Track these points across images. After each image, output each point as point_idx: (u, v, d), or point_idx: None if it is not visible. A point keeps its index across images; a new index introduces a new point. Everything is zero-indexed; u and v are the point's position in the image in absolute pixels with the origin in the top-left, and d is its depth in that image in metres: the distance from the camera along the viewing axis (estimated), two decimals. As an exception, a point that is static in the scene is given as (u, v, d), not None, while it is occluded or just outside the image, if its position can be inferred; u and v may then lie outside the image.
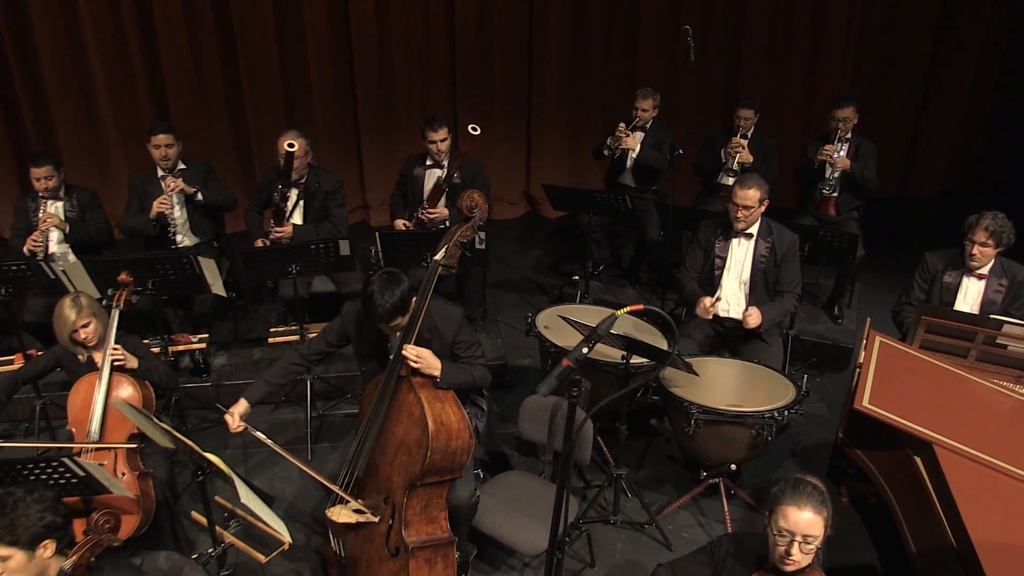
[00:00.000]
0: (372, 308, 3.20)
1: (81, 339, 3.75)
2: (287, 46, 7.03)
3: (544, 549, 3.49)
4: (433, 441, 3.16)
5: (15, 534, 2.31)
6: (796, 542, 2.45)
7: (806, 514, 2.46)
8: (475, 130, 5.01)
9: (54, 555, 2.41)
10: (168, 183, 5.20)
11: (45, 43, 6.68)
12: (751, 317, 4.29)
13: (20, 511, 2.36)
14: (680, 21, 6.92)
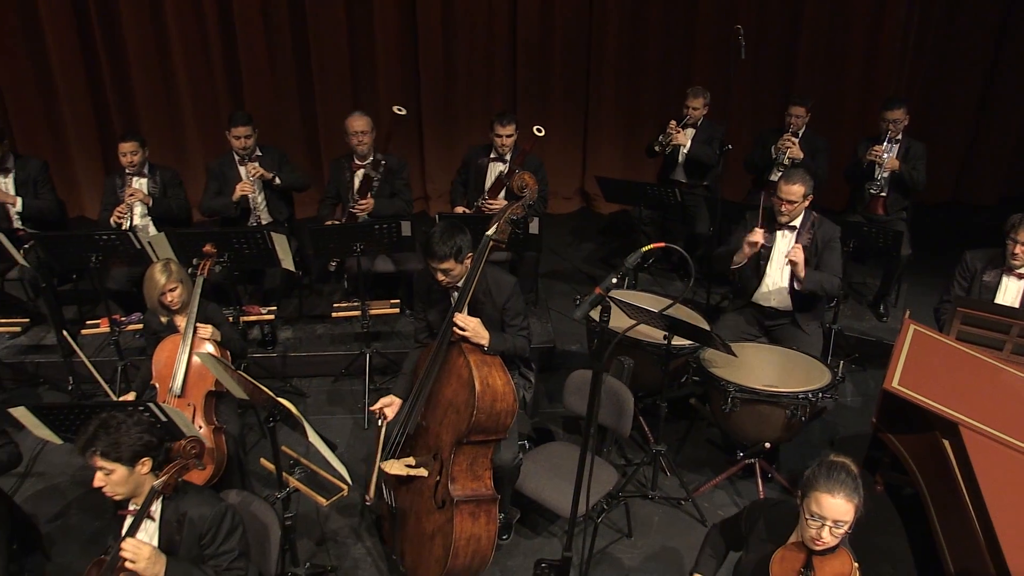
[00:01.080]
0: (430, 247, 3.50)
1: (167, 302, 4.08)
2: (356, 40, 7.37)
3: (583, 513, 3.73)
4: (479, 401, 3.40)
5: (119, 451, 2.64)
6: (827, 526, 2.52)
7: (839, 501, 2.51)
8: (540, 131, 5.28)
9: (149, 472, 2.72)
10: (249, 169, 5.56)
11: (131, 33, 7.16)
12: (796, 251, 4.38)
13: (123, 431, 2.68)
14: (737, 21, 7.07)
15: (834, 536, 2.53)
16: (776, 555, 2.65)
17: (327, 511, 4.31)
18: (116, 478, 2.66)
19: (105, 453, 2.63)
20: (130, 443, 2.66)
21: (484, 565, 3.66)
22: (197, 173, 7.19)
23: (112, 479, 2.65)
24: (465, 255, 3.60)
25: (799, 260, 4.38)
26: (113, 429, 2.65)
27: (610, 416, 3.95)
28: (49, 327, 5.60)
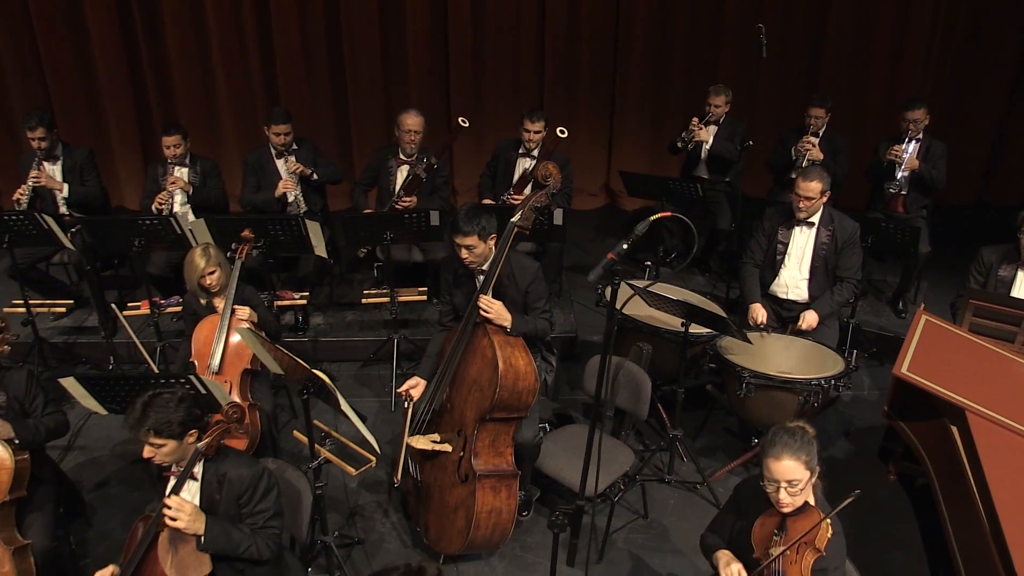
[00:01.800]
0: (456, 224, 3.69)
1: (207, 284, 4.27)
2: (388, 36, 7.56)
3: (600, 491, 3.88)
4: (503, 380, 3.57)
5: (170, 428, 2.82)
6: (782, 487, 2.68)
7: (785, 463, 2.66)
8: (563, 133, 5.44)
9: (194, 441, 2.91)
10: (290, 165, 5.75)
11: (172, 28, 7.41)
12: (807, 321, 4.55)
13: (171, 408, 2.85)
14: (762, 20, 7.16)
15: (791, 496, 2.67)
16: (757, 522, 2.81)
17: (355, 488, 4.50)
18: (166, 450, 2.85)
19: (157, 431, 2.81)
20: (179, 419, 2.84)
21: (504, 538, 3.82)
22: (233, 164, 7.43)
23: (162, 451, 2.84)
24: (489, 234, 3.75)
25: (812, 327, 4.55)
26: (161, 407, 2.82)
27: (628, 400, 4.09)
28: (91, 309, 5.85)
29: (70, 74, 7.58)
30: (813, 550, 2.65)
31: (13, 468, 3.35)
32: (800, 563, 2.64)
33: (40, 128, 5.61)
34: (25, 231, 5.05)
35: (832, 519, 2.71)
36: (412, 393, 3.92)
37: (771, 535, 2.73)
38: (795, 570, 2.64)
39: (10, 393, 3.54)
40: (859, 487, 2.66)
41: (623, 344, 4.53)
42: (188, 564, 2.83)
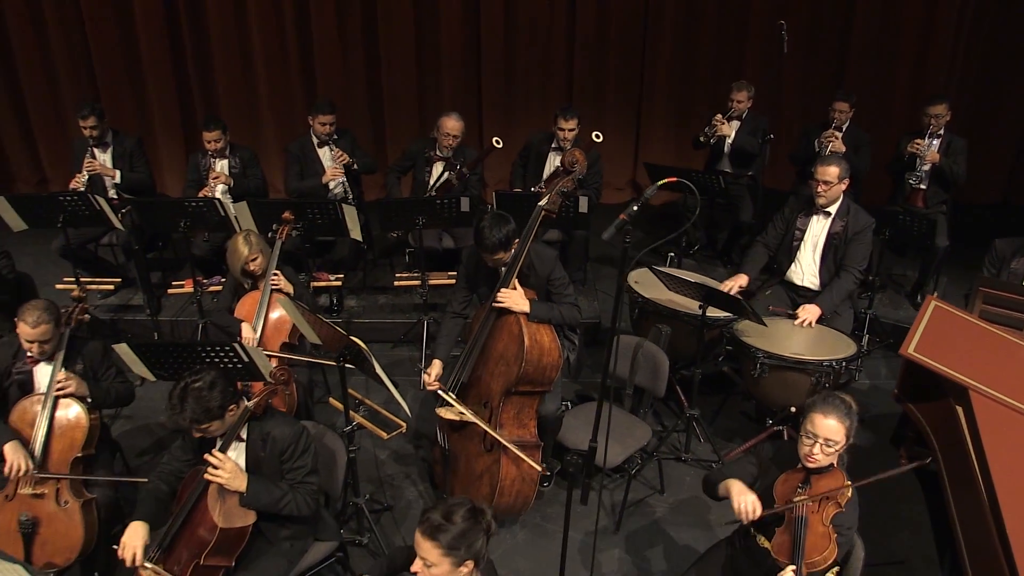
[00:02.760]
0: (481, 239, 3.83)
1: (251, 270, 4.51)
2: (422, 33, 7.83)
3: (618, 463, 4.08)
4: (528, 354, 3.77)
5: (210, 415, 3.02)
6: (819, 443, 2.86)
7: (831, 421, 2.85)
8: (598, 137, 5.62)
9: (238, 408, 3.13)
10: (336, 154, 6.01)
11: (215, 20, 7.73)
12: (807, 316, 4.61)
13: (206, 397, 3.01)
14: (788, 17, 7.30)
15: (825, 454, 2.86)
16: (780, 478, 2.99)
17: (384, 459, 4.73)
18: (212, 429, 3.07)
19: (197, 420, 3.01)
20: (216, 404, 3.02)
21: (526, 506, 4.03)
22: (271, 152, 7.74)
23: (209, 430, 3.07)
24: (512, 243, 3.91)
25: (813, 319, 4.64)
26: (196, 398, 2.99)
27: (647, 377, 4.28)
28: (137, 288, 6.14)
29: (117, 65, 7.93)
30: (835, 504, 2.83)
31: (87, 427, 3.64)
32: (821, 513, 2.82)
33: (92, 117, 5.91)
34: (78, 211, 5.33)
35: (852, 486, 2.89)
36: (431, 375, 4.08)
37: (795, 489, 2.91)
38: (816, 518, 2.82)
39: (86, 361, 3.83)
40: (870, 472, 2.84)
41: (644, 326, 4.72)
42: (234, 513, 3.06)
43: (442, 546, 2.38)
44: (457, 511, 2.43)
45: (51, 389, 3.63)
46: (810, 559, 2.77)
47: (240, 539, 3.08)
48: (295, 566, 3.31)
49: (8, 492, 3.57)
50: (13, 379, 3.82)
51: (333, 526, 3.56)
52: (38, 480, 3.55)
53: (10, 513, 3.52)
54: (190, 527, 3.11)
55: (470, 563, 2.43)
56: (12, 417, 3.66)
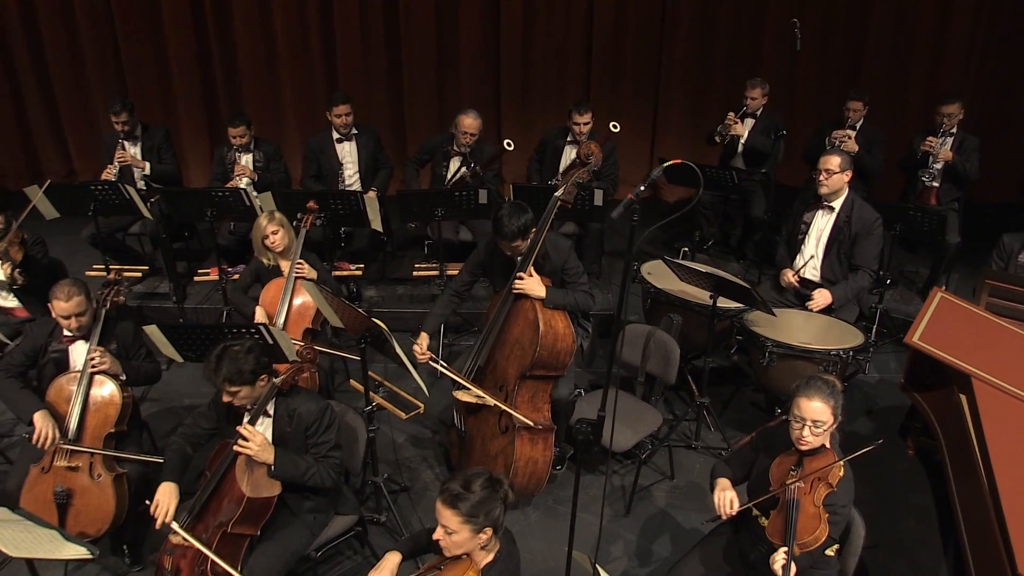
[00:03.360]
0: (500, 228, 3.95)
1: (270, 244, 4.68)
2: (442, 30, 7.99)
3: (627, 448, 4.20)
4: (543, 339, 3.90)
5: (242, 377, 3.16)
6: (807, 426, 2.95)
7: (815, 403, 2.94)
8: (615, 127, 5.74)
9: (266, 385, 3.28)
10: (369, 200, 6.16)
11: (240, 17, 7.93)
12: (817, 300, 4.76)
13: (241, 359, 3.18)
14: (804, 15, 7.40)
15: (814, 435, 2.95)
16: (775, 461, 3.09)
17: (402, 442, 4.86)
18: (242, 395, 3.21)
19: (230, 380, 3.16)
20: (249, 367, 3.17)
21: (540, 487, 4.15)
22: (292, 148, 7.90)
23: (239, 396, 3.21)
24: (529, 232, 4.03)
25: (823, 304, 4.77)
26: (231, 359, 3.16)
27: (658, 365, 4.40)
28: (163, 276, 6.32)
29: (145, 61, 8.14)
30: (826, 485, 2.92)
31: (120, 404, 3.80)
32: (813, 494, 2.91)
33: (124, 112, 6.12)
34: (109, 201, 5.52)
35: (845, 465, 2.98)
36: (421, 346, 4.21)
37: (788, 471, 3.01)
38: (808, 500, 2.91)
39: (119, 341, 4.00)
40: (878, 461, 2.91)
41: (656, 316, 4.83)
42: (261, 484, 3.20)
43: (461, 514, 2.51)
44: (475, 481, 2.56)
45: (86, 366, 3.79)
46: (801, 540, 2.85)
47: (266, 509, 3.23)
48: (317, 537, 3.46)
49: (44, 465, 3.73)
50: (49, 357, 3.99)
51: (353, 501, 3.70)
52: (72, 453, 3.71)
53: (46, 485, 3.67)
54: (219, 497, 3.25)
55: (488, 530, 2.56)
56: (49, 393, 3.82)
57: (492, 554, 2.64)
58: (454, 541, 2.55)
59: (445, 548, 2.60)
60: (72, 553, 3.03)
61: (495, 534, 2.61)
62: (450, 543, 2.57)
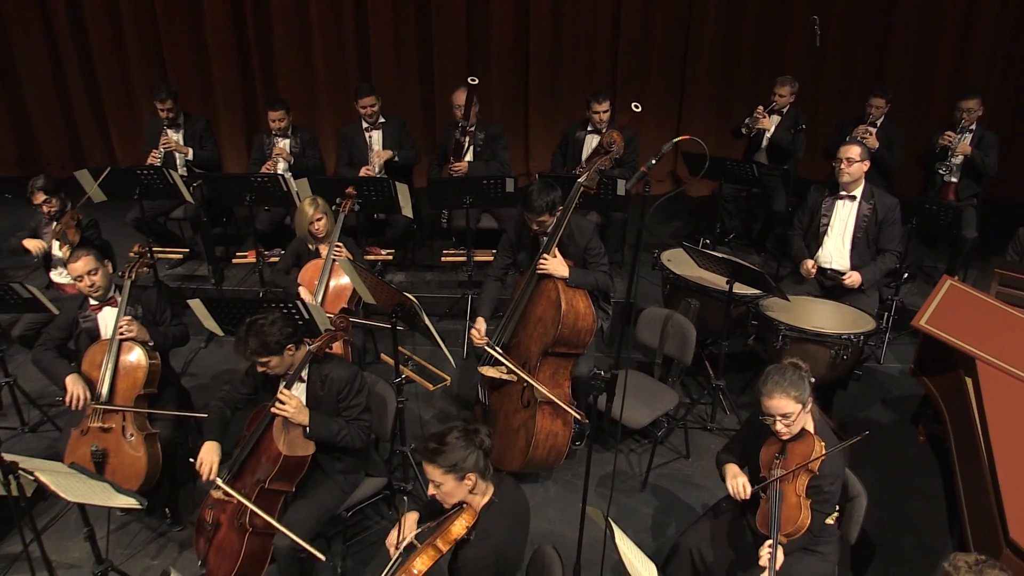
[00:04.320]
0: (529, 203, 4.17)
1: (315, 230, 4.91)
2: (473, 24, 8.20)
3: (644, 424, 4.37)
4: (564, 318, 4.09)
5: (268, 348, 3.38)
6: (778, 420, 3.08)
7: (775, 400, 3.03)
8: (637, 107, 5.89)
9: (296, 352, 3.50)
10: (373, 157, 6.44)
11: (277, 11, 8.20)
12: (851, 278, 4.93)
13: (267, 331, 3.39)
14: (830, 13, 7.52)
15: (787, 426, 3.07)
16: (763, 446, 3.23)
17: (428, 419, 5.08)
18: (272, 364, 3.42)
19: (257, 352, 3.37)
20: (274, 339, 3.37)
21: (559, 460, 4.34)
22: (327, 136, 8.16)
23: (270, 365, 3.43)
24: (556, 208, 4.25)
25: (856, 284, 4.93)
26: (257, 333, 3.37)
27: (675, 347, 4.57)
28: (202, 260, 6.59)
29: (185, 53, 8.45)
30: (806, 472, 3.05)
31: (148, 368, 4.04)
32: (795, 483, 3.05)
33: (169, 100, 6.41)
34: (153, 185, 5.78)
35: (828, 439, 3.12)
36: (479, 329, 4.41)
37: (773, 457, 3.16)
38: (791, 488, 3.05)
39: (145, 307, 4.26)
40: (891, 447, 3.03)
41: (675, 302, 5.00)
42: (296, 444, 3.43)
43: (441, 467, 2.72)
44: (449, 434, 2.77)
45: (115, 333, 4.04)
46: (786, 530, 3.00)
47: (300, 467, 3.45)
48: (348, 497, 3.68)
49: (83, 428, 3.99)
50: (81, 328, 4.27)
51: (381, 465, 3.92)
52: (105, 415, 3.96)
53: (84, 446, 3.93)
54: (257, 455, 3.48)
55: (472, 475, 2.75)
56: (83, 362, 4.08)
57: (487, 496, 2.84)
58: (445, 492, 2.75)
59: (440, 500, 2.81)
60: (123, 502, 3.28)
61: (481, 478, 2.79)
62: (442, 495, 2.77)
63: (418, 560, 2.67)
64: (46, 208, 5.19)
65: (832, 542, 3.27)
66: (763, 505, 3.14)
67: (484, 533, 2.79)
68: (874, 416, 5.19)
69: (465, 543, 2.76)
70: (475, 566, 2.76)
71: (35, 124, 9.01)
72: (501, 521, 2.82)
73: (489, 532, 2.79)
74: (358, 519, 4.14)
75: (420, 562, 2.67)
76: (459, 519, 2.74)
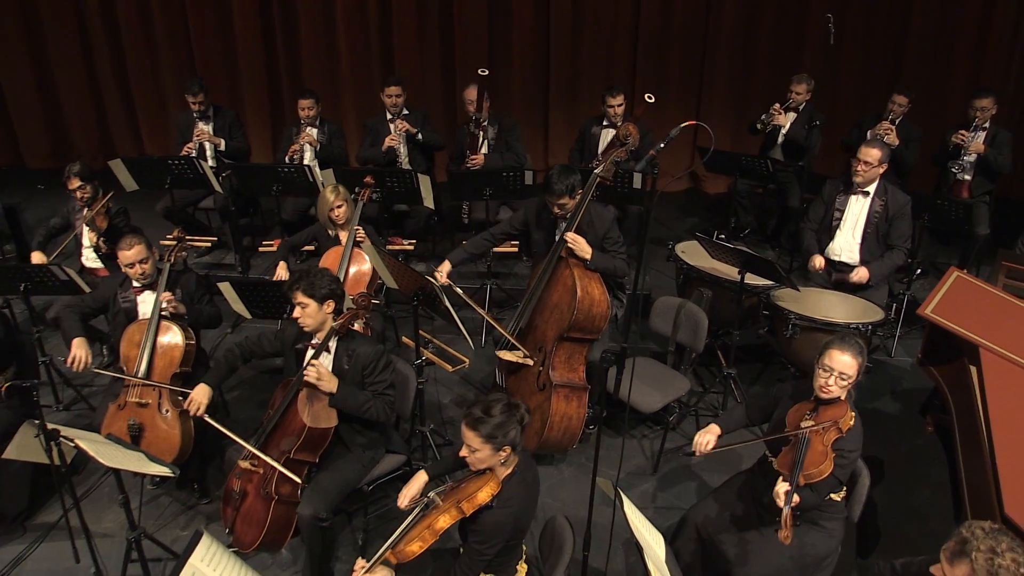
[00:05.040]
0: (550, 185, 4.35)
1: (335, 217, 5.08)
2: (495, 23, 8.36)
3: (656, 409, 4.50)
4: (579, 304, 4.23)
5: (314, 290, 3.58)
6: (834, 376, 3.23)
7: (846, 357, 3.22)
8: (650, 98, 6.00)
9: (331, 312, 3.66)
10: (397, 124, 6.57)
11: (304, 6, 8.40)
12: (858, 274, 5.03)
13: (318, 278, 3.62)
14: (847, 11, 7.59)
15: (839, 386, 3.22)
16: (794, 407, 3.37)
17: (447, 403, 5.23)
18: (309, 311, 3.60)
19: (305, 290, 3.58)
20: (322, 286, 3.60)
21: (573, 442, 4.48)
22: (350, 128, 8.34)
23: (306, 312, 3.60)
24: (576, 191, 4.43)
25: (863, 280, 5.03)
26: (310, 276, 3.61)
27: (687, 334, 4.70)
28: (228, 250, 6.79)
29: (213, 47, 8.66)
30: (836, 430, 3.19)
31: (184, 347, 4.22)
32: (824, 435, 3.19)
33: (201, 93, 6.62)
34: (184, 175, 5.98)
35: (856, 416, 3.26)
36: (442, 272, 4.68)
37: (804, 415, 3.30)
38: (818, 439, 3.19)
39: (184, 290, 4.45)
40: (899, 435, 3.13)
41: (688, 292, 5.13)
42: (320, 416, 3.59)
43: (482, 435, 2.86)
44: (495, 406, 2.90)
45: (155, 312, 4.23)
46: (807, 471, 3.14)
47: (324, 439, 3.61)
48: (369, 471, 3.84)
49: (121, 402, 4.17)
50: (120, 307, 4.48)
51: (402, 443, 4.08)
52: (143, 390, 4.14)
53: (122, 420, 4.11)
54: (282, 428, 3.65)
55: (507, 448, 2.90)
56: (122, 339, 4.26)
57: (511, 468, 2.99)
58: (478, 458, 2.90)
59: (470, 464, 2.95)
60: (157, 470, 3.45)
61: (513, 451, 2.94)
62: (474, 459, 2.92)
63: (441, 518, 2.83)
64: (79, 194, 5.37)
65: (838, 519, 3.39)
66: (787, 452, 3.28)
67: (505, 502, 2.93)
68: (884, 407, 5.29)
69: (487, 509, 2.90)
70: (492, 528, 2.90)
71: (67, 117, 9.26)
72: (521, 492, 2.97)
73: (510, 501, 2.93)
74: (379, 495, 4.30)
75: (443, 520, 2.83)
76: (485, 487, 2.88)
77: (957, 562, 2.41)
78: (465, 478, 3.01)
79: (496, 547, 2.91)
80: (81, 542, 3.93)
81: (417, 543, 2.84)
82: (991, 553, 2.34)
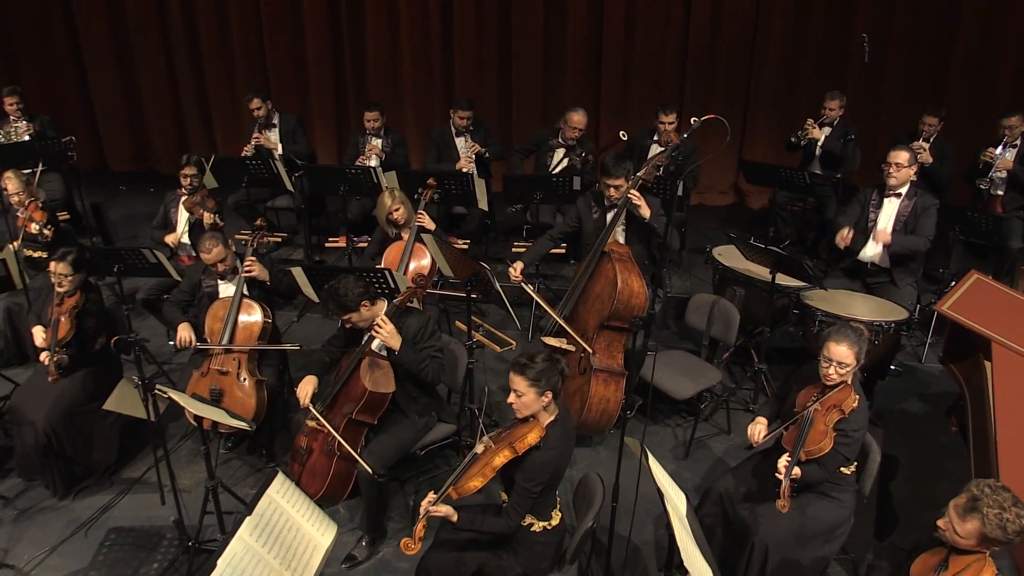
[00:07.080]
0: (607, 169, 4.88)
1: (393, 218, 5.52)
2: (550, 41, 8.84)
3: (688, 396, 4.82)
4: (619, 295, 4.59)
5: (348, 306, 3.95)
6: (833, 366, 3.53)
7: (842, 347, 3.49)
8: (695, 122, 6.39)
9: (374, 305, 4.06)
10: (470, 147, 7.07)
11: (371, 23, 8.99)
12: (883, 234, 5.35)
13: (342, 292, 3.97)
14: (892, 29, 7.85)
15: (839, 374, 3.52)
16: (803, 391, 3.69)
17: (493, 388, 5.60)
18: (354, 319, 4.02)
19: (338, 311, 3.97)
20: (352, 298, 3.95)
21: (610, 423, 4.82)
22: (412, 138, 8.87)
23: (352, 320, 4.03)
24: (630, 175, 4.92)
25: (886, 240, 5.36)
26: (335, 295, 3.96)
27: (720, 329, 5.03)
28: (296, 246, 7.31)
29: (285, 58, 9.29)
30: (839, 412, 3.50)
31: (262, 324, 4.68)
32: (826, 417, 3.50)
33: (255, 100, 7.16)
34: (259, 174, 6.50)
35: (859, 397, 3.56)
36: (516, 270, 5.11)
37: (811, 398, 3.62)
38: (821, 420, 3.51)
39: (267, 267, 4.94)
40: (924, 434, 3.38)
41: (723, 290, 5.46)
42: (380, 382, 4.01)
43: (528, 379, 3.23)
44: (538, 355, 3.29)
45: (238, 292, 4.70)
46: (808, 448, 3.47)
47: (383, 402, 4.04)
48: (422, 436, 4.25)
49: (203, 369, 4.66)
50: (203, 292, 5.00)
51: (451, 413, 4.49)
52: (224, 358, 4.61)
53: (204, 385, 4.57)
54: (346, 390, 4.08)
55: (549, 394, 3.26)
56: (207, 315, 4.74)
57: (553, 416, 3.35)
58: (523, 402, 3.27)
59: (516, 410, 3.32)
60: (236, 423, 3.90)
61: (554, 399, 3.31)
62: (520, 404, 3.28)
63: (497, 457, 3.21)
64: (190, 181, 5.93)
65: (849, 492, 3.69)
66: (792, 430, 3.59)
67: (550, 444, 3.30)
68: (911, 408, 5.52)
69: (535, 449, 3.27)
70: (539, 468, 3.27)
71: (148, 124, 9.96)
72: (562, 439, 3.34)
73: (553, 445, 3.30)
74: (428, 466, 4.70)
75: (499, 458, 3.21)
76: (533, 431, 3.25)
77: (969, 517, 2.75)
78: (511, 425, 3.38)
79: (541, 486, 3.27)
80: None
81: (478, 479, 3.22)
82: (999, 508, 2.71)
